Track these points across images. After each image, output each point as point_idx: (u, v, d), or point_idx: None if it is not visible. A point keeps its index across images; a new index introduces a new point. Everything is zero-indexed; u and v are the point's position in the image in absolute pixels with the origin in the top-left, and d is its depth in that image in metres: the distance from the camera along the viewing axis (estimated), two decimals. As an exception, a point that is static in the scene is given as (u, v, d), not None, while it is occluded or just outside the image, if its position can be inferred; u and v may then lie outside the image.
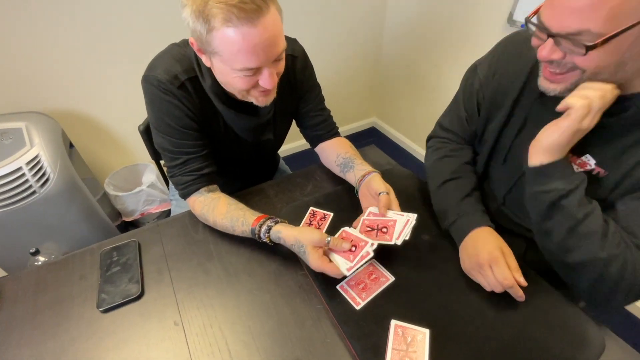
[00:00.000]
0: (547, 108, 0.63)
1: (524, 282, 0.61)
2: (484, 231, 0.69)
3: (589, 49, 0.48)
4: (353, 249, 0.65)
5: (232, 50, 0.59)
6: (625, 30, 0.46)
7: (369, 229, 0.69)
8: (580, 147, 0.61)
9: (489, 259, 0.64)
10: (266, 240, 0.70)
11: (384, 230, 0.68)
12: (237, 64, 0.61)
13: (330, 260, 0.65)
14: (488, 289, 0.63)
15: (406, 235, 0.66)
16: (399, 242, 0.65)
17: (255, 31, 0.57)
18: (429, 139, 0.93)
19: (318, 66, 0.92)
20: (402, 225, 0.68)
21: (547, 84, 0.58)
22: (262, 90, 0.68)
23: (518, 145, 0.71)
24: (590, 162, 0.60)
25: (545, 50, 0.53)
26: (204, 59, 0.67)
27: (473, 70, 0.82)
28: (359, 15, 1.94)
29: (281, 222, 0.71)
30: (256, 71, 0.63)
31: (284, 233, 0.67)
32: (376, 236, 0.67)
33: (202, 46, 0.62)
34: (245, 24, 0.56)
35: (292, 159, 2.23)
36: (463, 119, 0.84)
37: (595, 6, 0.45)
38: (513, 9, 1.35)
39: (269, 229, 0.69)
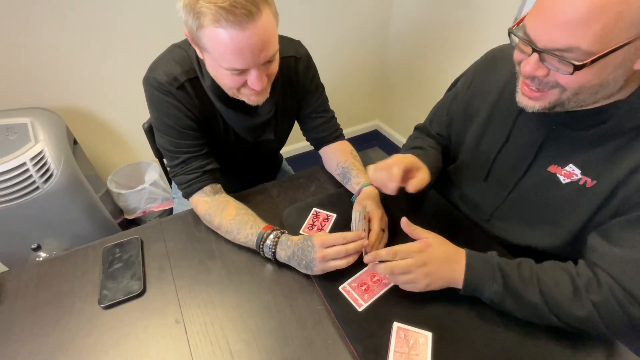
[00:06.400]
0: (535, 123, 0.64)
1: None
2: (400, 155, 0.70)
3: (576, 68, 0.45)
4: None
5: (220, 50, 0.59)
6: (614, 50, 0.44)
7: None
8: (562, 158, 0.61)
9: (389, 162, 0.64)
10: (275, 241, 0.69)
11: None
12: (224, 63, 0.61)
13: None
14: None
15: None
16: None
17: (244, 35, 0.56)
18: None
19: (322, 68, 0.92)
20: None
21: (525, 101, 0.56)
22: (252, 89, 0.67)
23: (502, 162, 0.71)
24: (575, 171, 0.59)
25: (530, 66, 0.50)
26: (198, 51, 0.67)
27: (456, 81, 0.85)
28: (364, 17, 1.94)
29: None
30: (244, 71, 0.63)
31: (293, 238, 0.69)
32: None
33: (194, 39, 0.62)
34: (234, 27, 0.55)
35: (295, 160, 2.23)
36: (427, 123, 0.90)
37: (588, 21, 0.42)
38: (519, 14, 1.35)
39: (283, 233, 0.71)
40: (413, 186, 0.63)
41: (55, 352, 0.60)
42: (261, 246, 0.70)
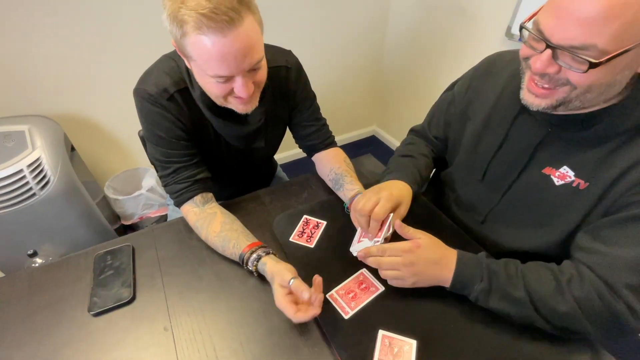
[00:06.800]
0: (532, 125, 0.65)
1: (379, 217, 0.68)
2: (394, 182, 0.76)
3: (591, 66, 0.45)
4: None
5: (203, 57, 0.59)
6: (628, 50, 0.44)
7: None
8: (557, 160, 0.62)
9: (377, 191, 0.72)
10: (252, 268, 0.69)
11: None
12: (209, 71, 0.61)
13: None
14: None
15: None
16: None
17: (225, 41, 0.57)
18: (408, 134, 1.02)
19: (319, 74, 0.93)
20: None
21: (531, 99, 0.56)
22: (239, 97, 0.67)
23: (498, 163, 0.72)
24: (569, 173, 0.60)
25: (541, 62, 0.49)
26: (185, 61, 0.67)
27: (452, 85, 0.86)
28: (361, 24, 1.96)
29: (272, 254, 0.70)
30: (229, 79, 0.63)
31: (268, 266, 0.67)
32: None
33: (180, 49, 0.63)
34: (215, 34, 0.56)
35: (290, 166, 2.24)
36: (426, 125, 0.92)
37: (607, 19, 0.42)
38: (511, 23, 1.36)
39: (259, 258, 0.69)
40: (398, 225, 0.67)
41: (47, 358, 0.60)
42: (245, 267, 0.71)
